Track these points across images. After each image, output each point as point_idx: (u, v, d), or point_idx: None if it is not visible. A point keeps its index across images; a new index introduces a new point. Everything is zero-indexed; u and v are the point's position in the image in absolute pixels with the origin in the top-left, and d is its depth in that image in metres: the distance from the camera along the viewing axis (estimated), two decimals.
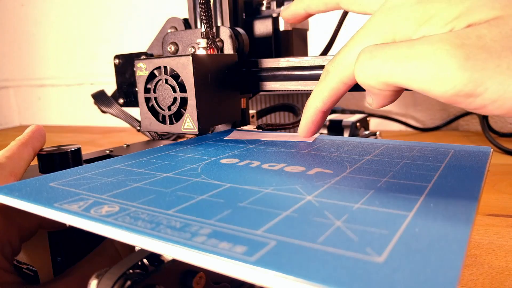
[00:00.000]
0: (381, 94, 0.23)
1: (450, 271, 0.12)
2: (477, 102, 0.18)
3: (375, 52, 0.21)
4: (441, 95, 0.19)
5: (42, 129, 0.31)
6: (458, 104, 0.19)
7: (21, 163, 0.28)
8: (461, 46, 0.18)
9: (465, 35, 0.19)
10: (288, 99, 0.66)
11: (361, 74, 0.22)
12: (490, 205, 0.46)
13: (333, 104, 0.28)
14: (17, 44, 1.51)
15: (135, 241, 0.16)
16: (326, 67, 0.27)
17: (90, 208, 0.18)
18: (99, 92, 0.48)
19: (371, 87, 0.22)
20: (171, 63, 0.33)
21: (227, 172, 0.24)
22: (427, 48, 0.19)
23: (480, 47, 0.18)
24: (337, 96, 0.28)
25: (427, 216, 0.16)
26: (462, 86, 0.18)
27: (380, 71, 0.21)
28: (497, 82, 0.17)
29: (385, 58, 0.21)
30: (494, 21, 0.19)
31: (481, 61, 0.18)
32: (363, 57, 0.22)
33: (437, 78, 0.18)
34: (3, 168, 0.26)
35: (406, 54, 0.20)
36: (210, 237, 0.15)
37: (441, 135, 0.90)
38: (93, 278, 0.19)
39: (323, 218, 0.16)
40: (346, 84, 0.26)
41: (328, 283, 0.12)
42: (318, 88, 0.28)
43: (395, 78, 0.20)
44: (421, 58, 0.19)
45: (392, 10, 0.23)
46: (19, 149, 0.29)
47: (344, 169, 0.24)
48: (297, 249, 0.14)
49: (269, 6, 0.45)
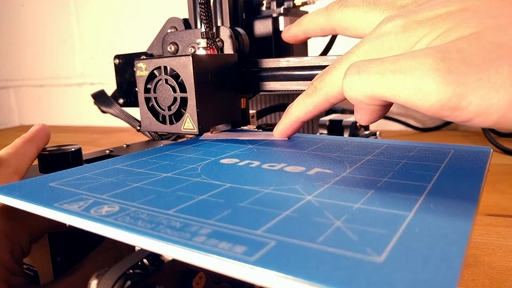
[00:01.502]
0: (368, 109, 0.23)
1: (450, 271, 0.12)
2: (464, 116, 0.18)
3: (362, 67, 0.22)
4: (427, 109, 0.19)
5: (47, 128, 0.31)
6: (446, 118, 0.19)
7: (25, 161, 0.28)
8: (442, 59, 0.18)
9: (446, 49, 0.19)
10: (288, 99, 0.66)
11: (348, 89, 0.23)
12: (490, 205, 0.46)
13: (313, 117, 0.30)
14: (17, 44, 1.51)
15: (135, 241, 0.16)
16: (314, 83, 0.29)
17: (90, 208, 0.18)
18: (99, 92, 0.48)
19: (359, 102, 0.23)
20: (171, 63, 0.33)
21: (227, 172, 0.24)
22: (410, 62, 0.19)
23: (461, 60, 0.18)
24: (320, 111, 0.29)
25: (427, 216, 0.16)
26: (446, 101, 0.18)
27: (367, 85, 0.21)
28: (480, 96, 0.18)
29: (371, 73, 0.21)
30: (472, 36, 0.19)
31: (463, 75, 0.18)
32: (350, 72, 0.22)
33: (421, 92, 0.19)
34: (8, 166, 0.26)
35: (391, 69, 0.20)
36: (210, 237, 0.15)
37: (441, 135, 0.90)
38: (93, 278, 0.19)
39: (323, 218, 0.16)
40: (330, 102, 0.28)
41: (327, 283, 0.12)
42: (303, 101, 0.30)
43: (381, 92, 0.21)
44: (405, 72, 0.19)
45: (378, 39, 0.24)
46: (24, 146, 0.29)
47: (344, 169, 0.24)
48: (297, 249, 0.14)
49: (269, 6, 0.45)
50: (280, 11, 0.44)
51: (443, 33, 0.21)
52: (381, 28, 0.25)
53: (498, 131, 0.83)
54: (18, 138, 0.29)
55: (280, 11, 0.44)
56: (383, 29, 0.25)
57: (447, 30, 0.21)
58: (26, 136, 0.30)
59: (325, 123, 0.54)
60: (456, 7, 0.21)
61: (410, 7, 0.26)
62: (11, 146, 0.28)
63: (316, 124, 0.60)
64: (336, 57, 0.35)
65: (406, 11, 0.24)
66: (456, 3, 0.22)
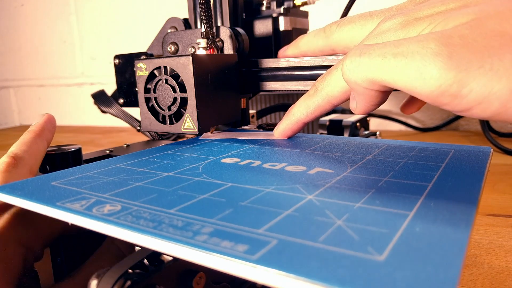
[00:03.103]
0: (366, 94, 0.23)
1: (451, 270, 0.12)
2: (463, 104, 0.18)
3: (364, 50, 0.21)
4: (427, 95, 0.19)
5: (53, 119, 0.31)
6: (445, 105, 0.19)
7: (38, 159, 0.27)
8: (445, 44, 0.18)
9: (448, 35, 0.19)
10: (288, 99, 0.67)
11: (348, 71, 0.22)
12: (490, 205, 0.46)
13: (315, 118, 0.30)
14: (17, 44, 1.51)
15: (137, 240, 0.16)
16: (316, 84, 0.29)
17: (92, 207, 0.18)
18: (99, 92, 0.48)
19: (357, 85, 0.22)
20: (171, 63, 0.33)
21: (228, 171, 0.24)
22: (412, 46, 0.19)
23: (463, 46, 0.18)
24: (321, 112, 0.29)
25: (428, 215, 0.16)
26: (447, 87, 0.18)
27: (367, 68, 0.21)
28: (481, 83, 0.17)
29: (373, 55, 0.21)
30: (473, 22, 0.19)
31: (465, 61, 0.18)
32: (351, 54, 0.22)
33: (422, 76, 0.19)
34: (24, 165, 0.26)
35: (392, 52, 0.20)
36: (212, 236, 0.15)
37: (441, 135, 0.90)
38: (93, 278, 0.19)
39: (324, 217, 0.17)
40: (332, 103, 0.28)
41: (329, 281, 0.12)
42: (305, 102, 0.30)
43: (381, 75, 0.20)
44: (407, 56, 0.19)
45: (378, 37, 0.24)
46: (36, 143, 0.28)
47: (345, 168, 0.24)
48: (298, 247, 0.14)
49: (269, 6, 0.45)
50: (280, 11, 0.44)
51: (442, 21, 0.20)
52: (381, 26, 0.25)
53: (498, 131, 0.83)
54: (27, 133, 0.28)
55: (280, 11, 0.44)
56: (382, 27, 0.24)
57: (446, 18, 0.20)
58: (35, 130, 0.29)
59: (325, 123, 0.54)
60: (456, 4, 0.21)
61: (408, 7, 0.26)
62: (23, 143, 0.27)
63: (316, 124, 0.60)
64: (336, 57, 0.35)
65: (405, 10, 0.24)
66: (456, 1, 0.21)
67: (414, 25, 0.22)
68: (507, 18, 0.18)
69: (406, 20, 0.23)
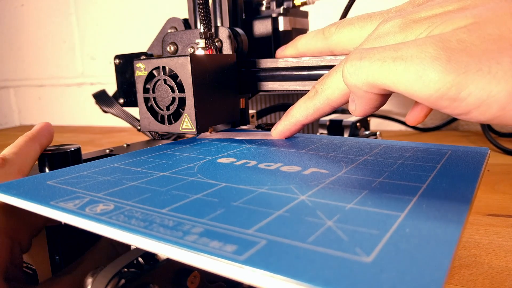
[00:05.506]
0: (366, 97, 0.23)
1: (437, 271, 0.12)
2: (462, 107, 0.18)
3: (363, 54, 0.22)
4: (426, 98, 0.19)
5: (50, 126, 0.31)
6: (444, 109, 0.19)
7: (28, 160, 0.28)
8: (443, 48, 0.18)
9: (446, 39, 0.19)
10: (288, 99, 0.67)
11: (348, 74, 0.22)
12: (490, 205, 0.46)
13: (314, 120, 0.30)
14: (17, 44, 1.52)
15: (127, 239, 0.16)
16: (316, 86, 0.29)
17: (85, 207, 0.18)
18: (100, 92, 0.48)
19: (357, 89, 0.23)
20: (169, 63, 0.33)
21: (223, 171, 0.24)
22: (411, 50, 0.19)
23: (461, 50, 0.18)
24: (321, 114, 0.29)
25: (419, 216, 0.16)
26: (446, 90, 0.18)
27: (368, 72, 0.21)
28: (480, 86, 0.17)
29: (372, 60, 0.21)
30: (471, 26, 0.19)
31: (464, 64, 0.18)
32: (351, 58, 0.22)
33: (421, 80, 0.19)
34: (11, 165, 0.26)
35: (392, 56, 0.20)
36: (201, 236, 0.15)
37: (441, 135, 0.90)
38: (88, 277, 0.19)
39: (315, 217, 0.17)
40: (332, 106, 0.28)
41: (314, 282, 0.12)
42: (305, 103, 0.30)
43: (381, 79, 0.21)
44: (406, 60, 0.19)
45: (377, 41, 0.24)
46: (26, 145, 0.28)
47: (340, 169, 0.24)
48: (287, 248, 0.14)
49: (268, 6, 0.45)
50: (280, 11, 0.44)
51: (440, 24, 0.21)
52: (380, 29, 0.25)
53: (498, 131, 0.83)
54: (21, 137, 0.29)
55: (280, 11, 0.44)
56: (381, 30, 0.25)
57: (445, 21, 0.20)
58: (29, 135, 0.29)
59: (325, 123, 0.54)
60: (454, 6, 0.21)
61: (407, 9, 0.26)
62: (14, 145, 0.28)
63: (316, 124, 0.60)
64: (334, 57, 0.35)
65: (404, 12, 0.24)
66: (454, 2, 0.22)
67: (412, 28, 0.22)
68: (505, 22, 0.18)
69: (404, 23, 0.23)
